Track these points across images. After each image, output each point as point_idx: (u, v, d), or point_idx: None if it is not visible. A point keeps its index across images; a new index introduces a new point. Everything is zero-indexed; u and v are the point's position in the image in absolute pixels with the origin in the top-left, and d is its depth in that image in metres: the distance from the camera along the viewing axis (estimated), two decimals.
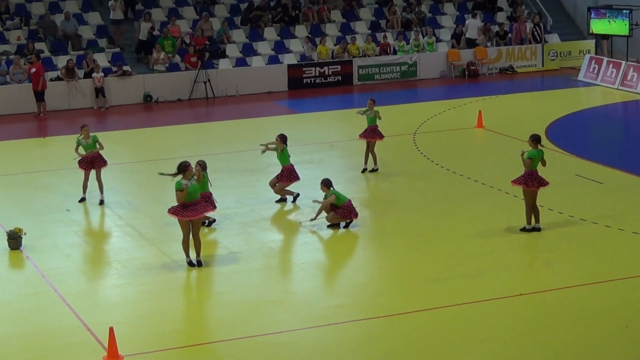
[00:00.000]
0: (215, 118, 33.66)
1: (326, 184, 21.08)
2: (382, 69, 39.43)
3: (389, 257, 19.54)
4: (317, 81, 38.53)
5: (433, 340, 15.48)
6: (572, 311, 16.41)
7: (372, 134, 25.17)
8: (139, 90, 36.32)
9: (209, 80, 36.55)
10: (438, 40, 41.29)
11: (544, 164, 20.46)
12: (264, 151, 22.96)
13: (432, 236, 20.36)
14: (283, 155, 22.63)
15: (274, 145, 22.76)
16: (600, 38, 40.11)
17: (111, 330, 14.92)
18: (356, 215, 20.98)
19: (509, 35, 41.70)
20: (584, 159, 26.43)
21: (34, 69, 34.22)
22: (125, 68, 36.50)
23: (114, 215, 22.35)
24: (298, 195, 22.82)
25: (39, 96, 34.29)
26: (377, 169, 25.22)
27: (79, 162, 23.14)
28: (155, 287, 18.07)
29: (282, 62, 38.83)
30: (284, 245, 20.35)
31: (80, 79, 35.50)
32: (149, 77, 36.61)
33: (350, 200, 21.07)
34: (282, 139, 22.67)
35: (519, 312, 16.39)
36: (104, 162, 23.22)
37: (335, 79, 38.78)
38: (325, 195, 20.99)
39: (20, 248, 20.00)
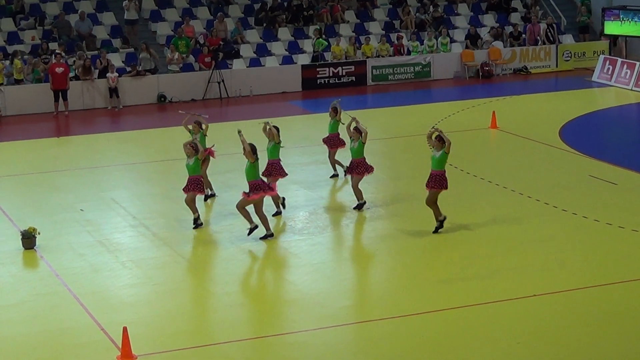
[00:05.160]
0: (229, 118, 33.67)
1: None
2: (396, 70, 39.40)
3: (401, 257, 19.51)
4: (330, 81, 38.51)
5: (446, 341, 15.45)
6: (586, 312, 16.37)
7: (335, 142, 24.61)
8: (153, 91, 36.38)
9: (222, 81, 36.58)
10: (452, 40, 41.22)
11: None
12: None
13: (445, 237, 20.32)
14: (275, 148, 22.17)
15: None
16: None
17: (125, 329, 14.95)
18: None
19: (523, 36, 41.62)
20: (597, 159, 26.35)
21: (61, 69, 34.27)
22: (139, 68, 36.51)
23: (127, 215, 22.39)
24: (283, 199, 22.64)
25: (64, 95, 34.36)
26: (338, 175, 24.92)
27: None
28: (168, 287, 18.09)
29: (295, 63, 38.83)
30: (297, 245, 20.33)
31: (96, 78, 35.57)
32: (163, 77, 36.66)
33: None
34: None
35: (532, 313, 16.35)
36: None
37: (349, 80, 38.76)
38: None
39: (35, 248, 20.04)
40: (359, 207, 22.02)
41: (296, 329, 16.05)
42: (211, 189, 23.19)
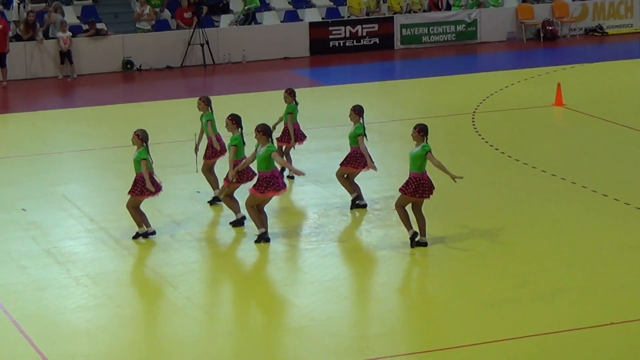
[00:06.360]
0: (215, 91, 33.69)
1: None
2: (432, 29, 39.37)
3: (437, 273, 19.50)
4: (347, 44, 38.54)
5: None
6: None
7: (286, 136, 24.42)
8: (117, 55, 36.41)
9: (207, 43, 36.59)
10: None
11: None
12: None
13: (492, 247, 20.30)
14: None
15: None
16: None
17: None
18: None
19: None
20: None
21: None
22: (99, 26, 36.54)
23: (83, 216, 22.39)
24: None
25: (3, 60, 34.38)
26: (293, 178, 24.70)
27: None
28: (136, 310, 18.13)
29: (302, 20, 38.82)
30: (302, 256, 20.33)
31: (43, 39, 35.56)
32: (130, 39, 36.69)
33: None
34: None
35: (609, 346, 16.30)
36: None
37: (372, 42, 38.79)
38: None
39: None
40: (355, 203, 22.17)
41: None
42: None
